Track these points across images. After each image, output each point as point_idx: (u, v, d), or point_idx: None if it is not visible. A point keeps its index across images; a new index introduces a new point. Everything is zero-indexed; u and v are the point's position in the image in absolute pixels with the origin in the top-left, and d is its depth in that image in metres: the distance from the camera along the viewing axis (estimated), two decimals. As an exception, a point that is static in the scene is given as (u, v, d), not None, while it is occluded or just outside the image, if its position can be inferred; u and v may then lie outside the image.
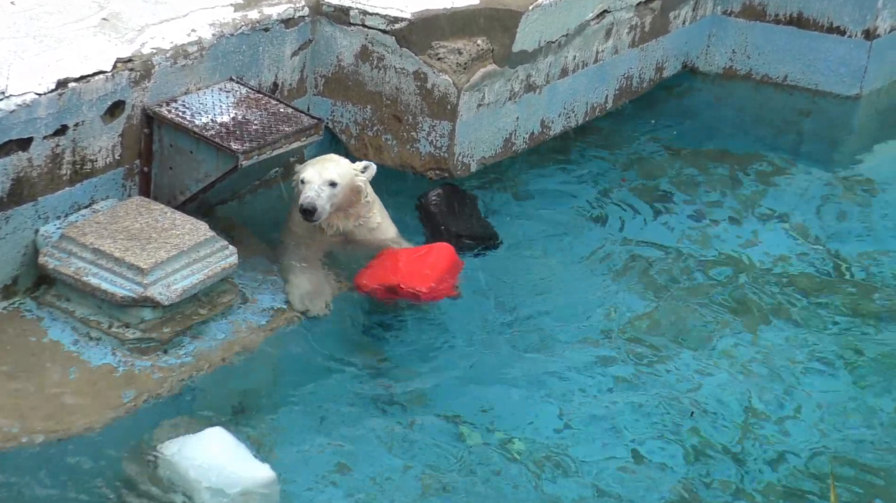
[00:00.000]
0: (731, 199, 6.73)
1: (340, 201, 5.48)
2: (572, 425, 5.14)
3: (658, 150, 7.08)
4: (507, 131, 6.34)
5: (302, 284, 5.39)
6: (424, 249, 5.61)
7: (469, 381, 5.33)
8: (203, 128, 5.32)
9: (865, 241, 6.45)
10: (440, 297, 5.52)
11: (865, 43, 7.33)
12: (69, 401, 4.71)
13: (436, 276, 5.47)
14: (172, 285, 4.94)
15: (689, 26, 7.29)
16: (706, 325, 5.77)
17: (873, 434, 5.23)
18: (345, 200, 5.50)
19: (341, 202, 5.48)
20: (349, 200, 5.52)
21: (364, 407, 5.12)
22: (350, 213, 5.56)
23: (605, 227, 6.42)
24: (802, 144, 7.31)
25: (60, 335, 4.97)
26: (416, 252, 5.56)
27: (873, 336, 5.80)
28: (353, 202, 5.54)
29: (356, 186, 5.52)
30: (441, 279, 5.50)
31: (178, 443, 4.57)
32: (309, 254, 5.53)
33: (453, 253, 5.60)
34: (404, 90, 6.05)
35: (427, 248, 5.63)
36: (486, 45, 6.09)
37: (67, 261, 4.97)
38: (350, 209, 5.55)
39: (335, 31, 6.05)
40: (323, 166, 5.48)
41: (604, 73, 6.79)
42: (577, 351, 5.55)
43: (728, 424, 5.21)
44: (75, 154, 5.16)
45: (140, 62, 5.30)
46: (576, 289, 5.95)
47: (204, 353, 5.00)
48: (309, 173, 5.44)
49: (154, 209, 5.20)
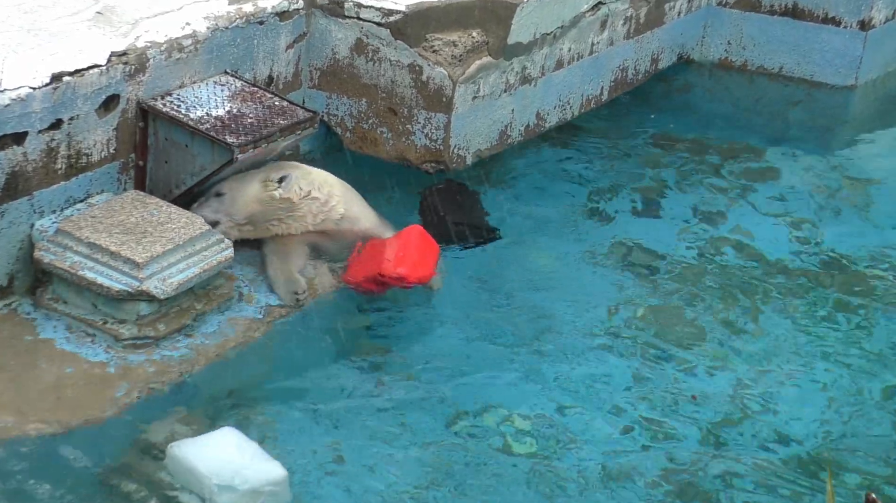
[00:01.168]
0: (726, 190, 6.73)
1: (251, 217, 5.45)
2: (571, 417, 5.14)
3: (654, 141, 7.08)
4: (502, 124, 6.33)
5: (275, 276, 5.39)
6: (395, 235, 5.58)
7: (465, 374, 5.33)
8: (198, 121, 5.31)
9: (863, 233, 6.45)
10: (427, 278, 5.50)
11: (861, 33, 7.33)
12: (65, 396, 4.70)
13: (414, 257, 5.46)
14: (168, 279, 4.94)
15: (684, 17, 7.28)
16: (702, 318, 5.77)
17: (871, 427, 5.23)
18: (261, 215, 5.46)
19: (253, 217, 5.46)
20: (271, 216, 5.48)
21: (360, 399, 5.11)
22: (288, 217, 5.51)
23: (601, 220, 6.42)
24: (798, 135, 7.31)
25: (55, 332, 4.96)
26: (390, 239, 5.55)
27: (871, 327, 5.81)
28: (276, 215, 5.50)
29: (271, 198, 5.47)
30: (421, 259, 5.49)
31: (190, 442, 4.56)
32: (286, 248, 5.52)
33: (423, 232, 5.58)
34: (399, 83, 6.04)
35: (398, 233, 5.60)
36: (481, 37, 6.08)
37: (63, 255, 4.97)
38: (283, 216, 5.50)
39: (330, 24, 6.04)
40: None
41: (599, 65, 6.79)
42: (574, 344, 5.55)
43: (725, 416, 5.21)
44: (70, 148, 5.15)
45: (134, 56, 5.29)
46: (572, 282, 5.95)
47: (200, 347, 5.00)
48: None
49: (149, 203, 5.19)
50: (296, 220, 5.51)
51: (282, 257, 5.45)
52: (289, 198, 5.47)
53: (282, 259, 5.45)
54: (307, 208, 5.52)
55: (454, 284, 5.72)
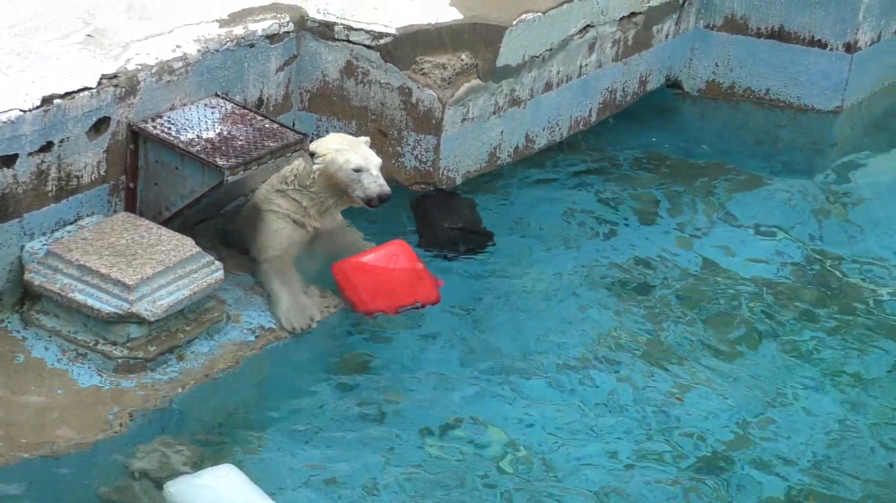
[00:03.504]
0: (714, 211, 6.76)
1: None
2: (558, 437, 5.15)
3: (642, 163, 7.10)
4: (491, 145, 6.36)
5: (284, 300, 5.39)
6: (386, 255, 5.61)
7: (454, 395, 5.34)
8: (188, 143, 5.32)
9: (849, 255, 6.48)
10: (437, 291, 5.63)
11: (846, 56, 7.37)
12: (55, 419, 4.70)
13: (428, 278, 5.62)
14: (158, 301, 4.94)
15: (671, 40, 7.32)
16: (690, 338, 5.79)
17: (856, 447, 5.25)
18: None
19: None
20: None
21: (350, 422, 5.12)
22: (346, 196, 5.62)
23: (589, 241, 6.43)
24: (785, 157, 7.34)
25: (45, 352, 4.96)
26: (390, 261, 5.59)
27: (856, 348, 5.83)
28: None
29: None
30: (428, 275, 5.62)
31: (186, 481, 4.52)
32: (285, 270, 5.53)
33: (407, 246, 5.65)
34: (389, 105, 6.07)
35: (385, 254, 5.63)
36: (470, 59, 6.11)
37: (53, 277, 4.97)
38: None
39: (320, 47, 6.06)
40: (366, 150, 5.59)
41: (587, 87, 6.82)
42: (561, 363, 5.56)
43: (711, 437, 5.23)
44: (61, 170, 5.16)
45: (125, 78, 5.30)
46: (559, 302, 5.96)
47: (190, 370, 5.00)
48: (364, 160, 5.54)
49: (140, 225, 5.20)
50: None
51: (284, 282, 5.46)
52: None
53: (285, 284, 5.45)
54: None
55: (442, 305, 5.73)
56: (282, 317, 5.34)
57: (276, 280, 5.46)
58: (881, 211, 6.88)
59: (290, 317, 5.33)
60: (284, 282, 5.46)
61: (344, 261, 5.54)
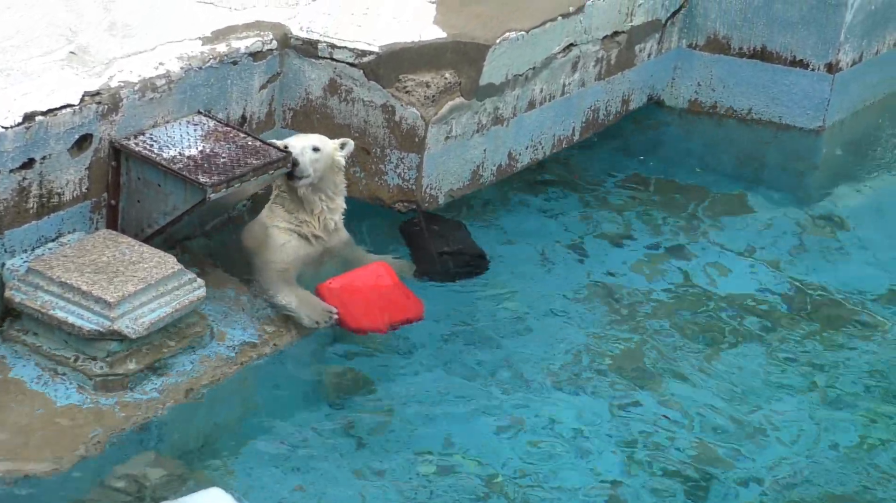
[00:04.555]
0: (696, 230, 6.77)
1: (322, 170, 5.65)
2: (545, 457, 5.15)
3: (624, 182, 7.11)
4: (474, 164, 6.36)
5: (296, 301, 5.45)
6: (372, 274, 5.66)
7: (437, 415, 5.33)
8: (171, 161, 5.31)
9: (829, 274, 6.49)
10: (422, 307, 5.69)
11: (828, 76, 7.40)
12: (34, 438, 4.67)
13: (412, 295, 5.68)
14: (140, 318, 4.92)
15: (654, 59, 7.34)
16: (674, 357, 5.79)
17: (837, 462, 5.26)
18: (326, 171, 5.67)
19: (323, 171, 5.65)
20: (328, 178, 5.69)
21: (333, 441, 5.10)
22: (326, 196, 5.70)
23: (573, 260, 6.44)
24: (767, 177, 7.36)
25: (25, 371, 4.94)
26: (377, 279, 5.64)
27: (836, 367, 5.84)
28: (330, 180, 5.71)
29: (336, 161, 5.72)
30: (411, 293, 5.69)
31: None
32: (287, 276, 5.58)
33: (389, 267, 5.70)
34: (372, 123, 6.07)
35: (371, 272, 5.66)
36: (453, 78, 6.12)
37: (34, 294, 4.95)
38: (327, 189, 5.69)
39: (303, 65, 6.06)
40: (305, 136, 5.72)
41: (570, 105, 6.83)
42: (544, 384, 5.55)
43: (693, 456, 5.23)
44: (42, 187, 5.14)
45: (108, 95, 5.29)
46: (543, 322, 5.96)
47: (172, 387, 4.98)
48: (291, 140, 5.66)
49: (121, 242, 5.18)
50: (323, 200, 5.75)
51: (291, 288, 5.51)
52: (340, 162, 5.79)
53: (292, 289, 5.51)
54: (334, 190, 5.78)
55: (425, 324, 5.72)
56: (302, 316, 5.41)
57: (284, 287, 5.51)
58: (862, 231, 6.91)
59: (309, 314, 5.42)
60: (291, 288, 5.51)
61: (331, 281, 5.55)
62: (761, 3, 7.36)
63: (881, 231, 6.93)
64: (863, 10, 7.40)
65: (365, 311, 5.51)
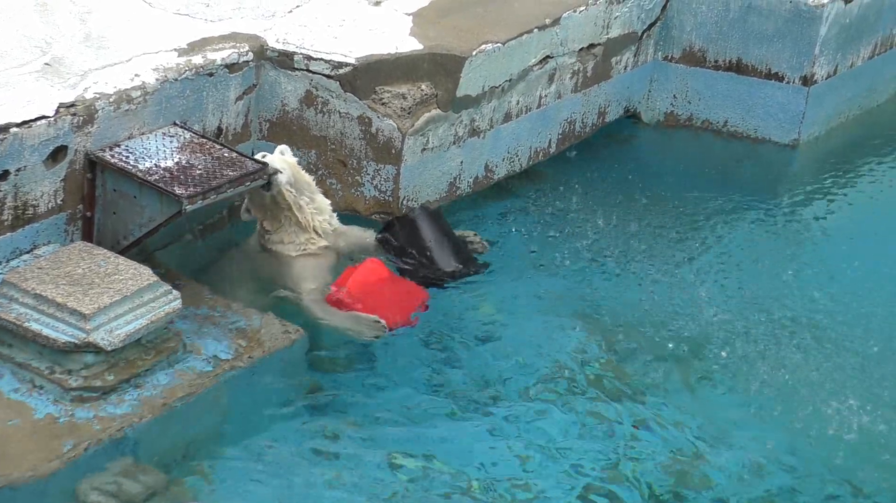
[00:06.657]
0: (672, 242, 6.78)
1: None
2: (522, 466, 5.14)
3: (600, 194, 7.12)
4: (451, 175, 6.36)
5: (343, 321, 5.56)
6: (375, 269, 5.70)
7: (413, 426, 5.32)
8: (147, 172, 5.29)
9: (804, 288, 6.50)
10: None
11: (803, 89, 7.44)
12: (10, 449, 4.63)
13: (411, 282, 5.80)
14: (115, 330, 4.90)
15: (630, 72, 7.37)
16: (651, 370, 5.80)
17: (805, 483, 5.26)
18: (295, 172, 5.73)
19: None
20: (297, 178, 5.74)
21: (311, 451, 5.08)
22: (307, 198, 5.75)
23: (549, 272, 6.44)
24: (743, 190, 7.37)
25: (0, 382, 4.90)
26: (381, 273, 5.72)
27: (813, 381, 5.84)
28: (300, 181, 5.75)
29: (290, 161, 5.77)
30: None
31: None
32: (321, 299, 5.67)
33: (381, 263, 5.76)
34: (349, 134, 6.06)
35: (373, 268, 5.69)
36: (430, 89, 6.12)
37: (8, 306, 4.91)
38: (304, 190, 5.75)
39: (279, 76, 6.06)
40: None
41: (547, 117, 6.85)
42: (522, 396, 5.55)
43: (670, 473, 5.23)
44: (17, 199, 5.12)
45: (83, 107, 5.27)
46: (520, 334, 5.96)
47: (148, 399, 4.94)
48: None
49: (97, 254, 5.15)
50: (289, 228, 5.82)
51: (329, 310, 5.60)
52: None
53: (331, 311, 5.60)
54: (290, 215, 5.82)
55: (402, 337, 5.71)
56: (362, 332, 5.53)
57: (329, 309, 5.59)
58: (837, 245, 6.93)
59: (362, 331, 5.53)
60: (330, 310, 5.59)
61: (350, 287, 5.58)
62: (737, 16, 7.39)
63: (856, 244, 6.95)
64: (837, 24, 7.44)
65: (388, 308, 5.55)
